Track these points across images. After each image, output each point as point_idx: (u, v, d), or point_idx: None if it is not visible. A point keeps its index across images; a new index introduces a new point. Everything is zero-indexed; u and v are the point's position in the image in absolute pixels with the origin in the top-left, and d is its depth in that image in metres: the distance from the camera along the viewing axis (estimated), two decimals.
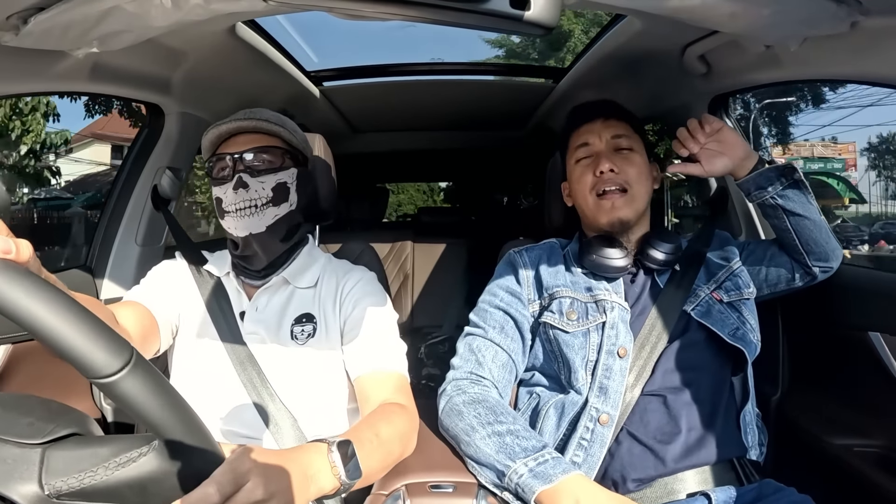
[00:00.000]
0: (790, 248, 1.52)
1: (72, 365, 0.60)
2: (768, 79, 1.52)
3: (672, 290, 1.45)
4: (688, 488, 1.27)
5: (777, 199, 1.46)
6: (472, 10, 0.79)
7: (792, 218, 1.47)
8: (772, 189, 1.45)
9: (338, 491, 1.03)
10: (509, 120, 3.37)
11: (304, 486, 0.95)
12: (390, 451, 1.19)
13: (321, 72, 2.58)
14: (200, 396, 1.32)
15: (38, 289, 0.61)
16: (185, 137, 1.98)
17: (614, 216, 1.46)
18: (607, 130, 1.51)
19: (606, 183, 1.46)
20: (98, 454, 0.68)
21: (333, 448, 1.02)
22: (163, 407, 0.65)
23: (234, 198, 1.37)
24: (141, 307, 1.40)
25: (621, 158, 1.48)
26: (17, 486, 0.65)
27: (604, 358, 1.36)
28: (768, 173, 1.46)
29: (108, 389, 0.62)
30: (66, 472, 0.67)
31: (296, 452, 0.99)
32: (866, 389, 1.56)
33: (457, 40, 17.87)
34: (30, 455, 0.67)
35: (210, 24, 1.47)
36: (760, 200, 1.49)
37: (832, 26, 1.15)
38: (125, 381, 0.62)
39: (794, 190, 1.45)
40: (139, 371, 0.63)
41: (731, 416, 1.37)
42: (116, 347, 0.62)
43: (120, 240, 1.91)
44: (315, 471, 0.98)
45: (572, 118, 1.60)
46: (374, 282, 1.52)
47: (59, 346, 0.60)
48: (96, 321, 0.62)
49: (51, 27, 1.12)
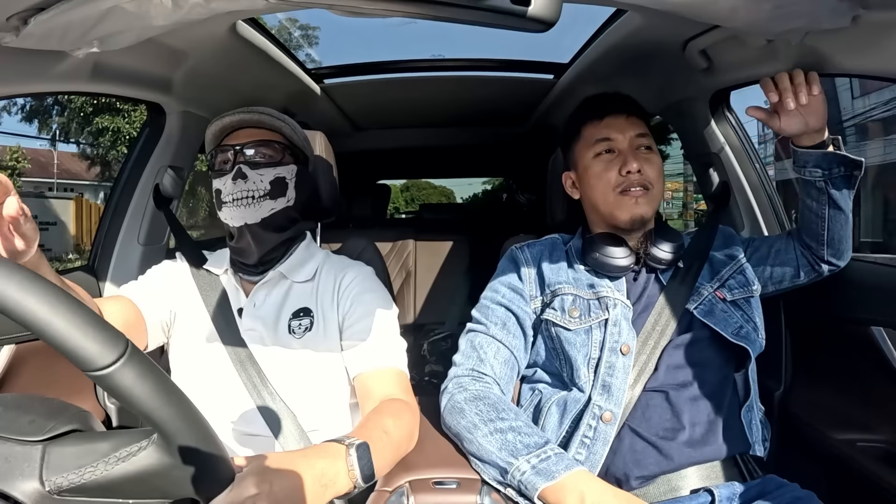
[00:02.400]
0: (812, 236, 1.50)
1: (66, 357, 0.60)
2: (770, 73, 1.51)
3: (675, 286, 1.45)
4: (691, 484, 1.27)
5: (828, 184, 1.42)
6: (473, 6, 0.79)
7: (832, 208, 1.45)
8: (828, 173, 1.41)
9: (348, 494, 1.03)
10: (511, 115, 3.37)
11: (319, 494, 0.95)
12: (398, 447, 1.20)
13: (322, 69, 2.58)
14: (200, 394, 1.33)
15: (31, 282, 0.61)
16: (187, 136, 1.99)
17: (636, 213, 1.45)
18: (631, 128, 1.49)
19: (633, 183, 1.44)
20: (98, 449, 0.69)
21: (352, 451, 1.03)
22: (160, 399, 0.64)
23: (232, 188, 1.38)
24: (127, 302, 1.42)
25: (644, 158, 1.46)
26: (19, 484, 0.65)
27: (606, 355, 1.36)
28: (835, 158, 1.40)
29: (104, 382, 0.61)
30: (66, 468, 0.67)
31: (311, 458, 0.99)
32: (869, 384, 1.56)
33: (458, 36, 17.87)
34: (31, 452, 0.67)
35: (210, 23, 1.46)
36: (811, 178, 1.44)
37: (833, 20, 1.15)
38: (120, 373, 0.61)
39: (846, 182, 1.42)
40: (134, 363, 0.63)
41: (734, 412, 1.36)
42: (111, 339, 0.62)
43: (122, 239, 1.91)
44: (331, 476, 0.99)
45: (589, 108, 1.56)
46: (372, 276, 1.53)
47: (54, 339, 0.59)
48: (90, 313, 0.62)
49: (51, 27, 1.12)
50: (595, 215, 1.56)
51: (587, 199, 1.57)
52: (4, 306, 0.59)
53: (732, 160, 1.97)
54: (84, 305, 0.63)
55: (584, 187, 1.56)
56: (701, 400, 1.33)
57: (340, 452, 1.03)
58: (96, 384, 0.62)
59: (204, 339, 1.43)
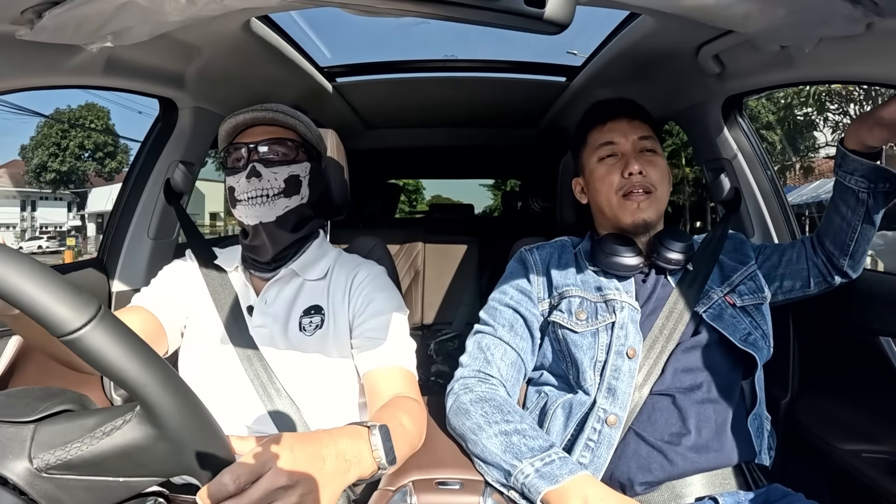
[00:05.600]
0: (837, 244, 1.49)
1: (37, 322, 0.59)
2: (783, 79, 1.51)
3: (684, 289, 1.44)
4: (695, 492, 1.26)
5: (870, 197, 1.41)
6: (487, 7, 0.79)
7: (865, 221, 1.44)
8: (874, 187, 1.39)
9: (372, 476, 1.02)
10: (522, 117, 3.37)
11: (343, 470, 0.94)
12: (411, 441, 1.20)
13: (334, 68, 2.58)
14: (206, 389, 1.33)
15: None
16: (199, 132, 1.99)
17: (639, 217, 1.45)
18: (634, 131, 1.49)
19: (634, 185, 1.44)
20: (84, 425, 0.68)
21: (375, 431, 1.02)
22: (136, 363, 0.63)
23: (246, 186, 1.38)
24: (146, 312, 1.42)
25: (646, 161, 1.46)
26: (8, 464, 0.65)
27: (612, 359, 1.36)
28: (884, 173, 1.38)
29: (75, 346, 0.60)
30: (53, 445, 0.67)
31: (334, 436, 0.98)
32: (876, 394, 1.55)
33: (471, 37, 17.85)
34: (21, 432, 0.67)
35: (224, 20, 1.47)
36: (855, 187, 1.41)
37: (847, 27, 1.14)
38: (91, 336, 0.60)
39: (885, 199, 1.41)
40: (107, 325, 0.62)
41: (740, 419, 1.36)
42: (81, 302, 0.61)
43: (132, 233, 1.92)
44: (355, 454, 0.97)
45: (594, 114, 1.57)
46: (384, 276, 1.53)
47: (23, 303, 0.59)
48: (58, 277, 0.61)
49: (65, 21, 1.13)
50: (602, 218, 1.57)
51: (594, 202, 1.57)
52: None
53: (744, 166, 1.96)
54: (52, 270, 0.62)
55: (590, 191, 1.56)
56: (708, 404, 1.33)
57: (363, 433, 1.02)
58: (73, 351, 0.61)
59: (212, 335, 1.43)
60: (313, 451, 0.90)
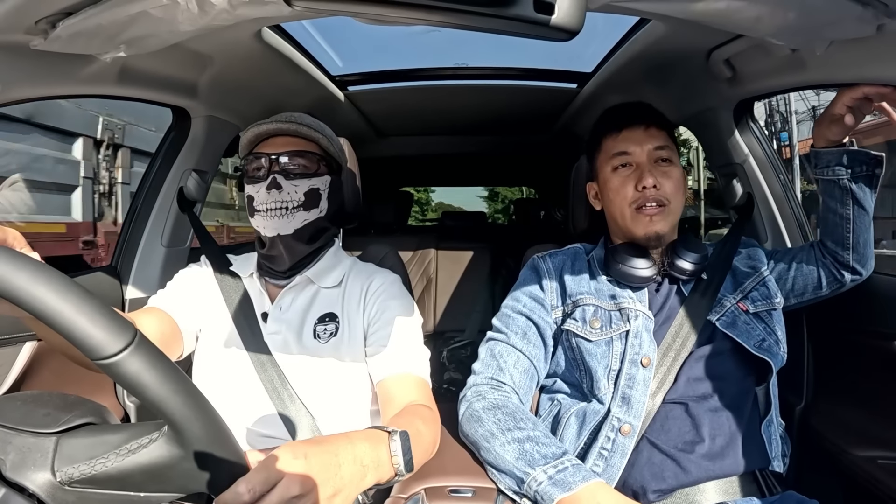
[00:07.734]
0: (836, 241, 1.48)
1: (74, 345, 0.60)
2: (794, 83, 1.50)
3: (697, 298, 1.44)
4: (709, 499, 1.26)
5: (852, 182, 1.40)
6: (496, 14, 0.79)
7: (856, 206, 1.42)
8: (852, 172, 1.39)
9: (389, 482, 1.03)
10: (534, 124, 3.37)
11: (359, 475, 0.94)
12: (427, 449, 1.20)
13: (346, 76, 2.59)
14: (219, 395, 1.34)
15: (40, 271, 0.61)
16: (211, 140, 2.01)
17: (651, 230, 1.44)
18: (650, 141, 1.47)
19: (648, 199, 1.43)
20: (109, 441, 0.69)
21: (396, 437, 1.03)
22: (168, 388, 0.64)
23: (266, 197, 1.38)
24: (162, 314, 1.43)
25: (661, 172, 1.44)
26: (31, 474, 0.66)
27: (627, 367, 1.35)
28: (857, 155, 1.38)
29: (112, 370, 0.61)
30: (77, 460, 0.67)
31: (352, 440, 0.98)
32: (892, 400, 1.53)
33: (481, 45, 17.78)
34: (44, 444, 0.68)
35: (236, 29, 1.48)
36: (834, 178, 1.42)
37: (858, 29, 1.14)
38: (128, 361, 0.62)
39: (869, 181, 1.40)
40: (142, 352, 0.63)
41: (754, 426, 1.35)
42: (118, 328, 0.62)
43: (146, 241, 1.93)
44: (372, 459, 0.98)
45: (609, 120, 1.55)
46: (399, 284, 1.53)
47: (62, 326, 0.60)
48: (98, 302, 0.62)
49: (79, 31, 1.14)
50: (616, 227, 1.56)
51: (607, 211, 1.56)
52: (14, 295, 0.59)
53: (756, 171, 1.95)
54: (91, 294, 0.63)
55: (604, 200, 1.55)
56: (721, 412, 1.32)
57: (383, 438, 1.03)
58: (106, 374, 0.62)
59: (226, 341, 1.44)
60: (328, 458, 0.91)
